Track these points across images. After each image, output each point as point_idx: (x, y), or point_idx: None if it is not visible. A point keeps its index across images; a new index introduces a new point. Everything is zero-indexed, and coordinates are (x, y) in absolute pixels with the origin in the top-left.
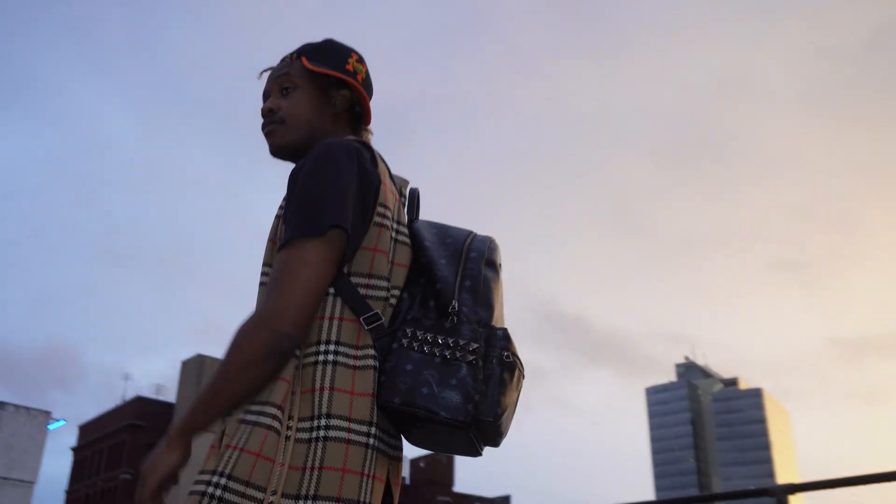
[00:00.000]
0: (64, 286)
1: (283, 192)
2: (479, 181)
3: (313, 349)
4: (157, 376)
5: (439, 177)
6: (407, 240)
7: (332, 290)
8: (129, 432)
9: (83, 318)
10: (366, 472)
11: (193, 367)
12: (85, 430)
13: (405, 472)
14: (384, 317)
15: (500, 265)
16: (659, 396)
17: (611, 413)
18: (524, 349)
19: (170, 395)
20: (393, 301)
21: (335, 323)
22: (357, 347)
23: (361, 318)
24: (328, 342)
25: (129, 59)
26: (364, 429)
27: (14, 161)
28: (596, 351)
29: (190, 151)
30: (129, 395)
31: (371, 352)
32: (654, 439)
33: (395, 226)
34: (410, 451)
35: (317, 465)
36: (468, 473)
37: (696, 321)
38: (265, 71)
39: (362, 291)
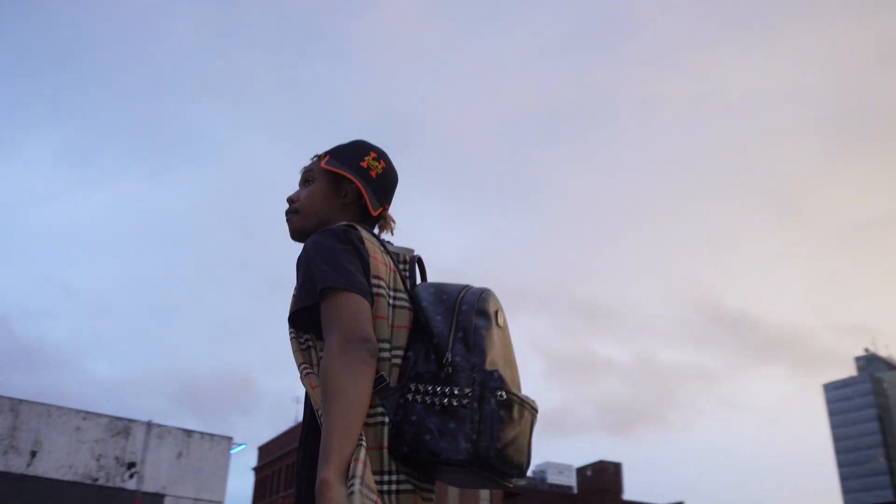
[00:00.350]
0: (236, 317)
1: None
2: (632, 183)
3: None
4: None
5: (591, 182)
6: (406, 304)
7: None
8: None
9: (255, 345)
10: None
11: None
12: (263, 451)
13: (572, 481)
14: (390, 377)
15: (494, 312)
16: (839, 392)
17: (786, 412)
18: (688, 352)
19: None
20: (397, 361)
21: None
22: (369, 406)
23: None
24: None
25: (276, 104)
26: (377, 477)
27: (184, 207)
28: (766, 348)
29: None
30: (300, 416)
31: (380, 409)
32: (837, 438)
33: (391, 293)
34: (575, 459)
35: None
36: (639, 481)
37: (876, 309)
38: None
39: None
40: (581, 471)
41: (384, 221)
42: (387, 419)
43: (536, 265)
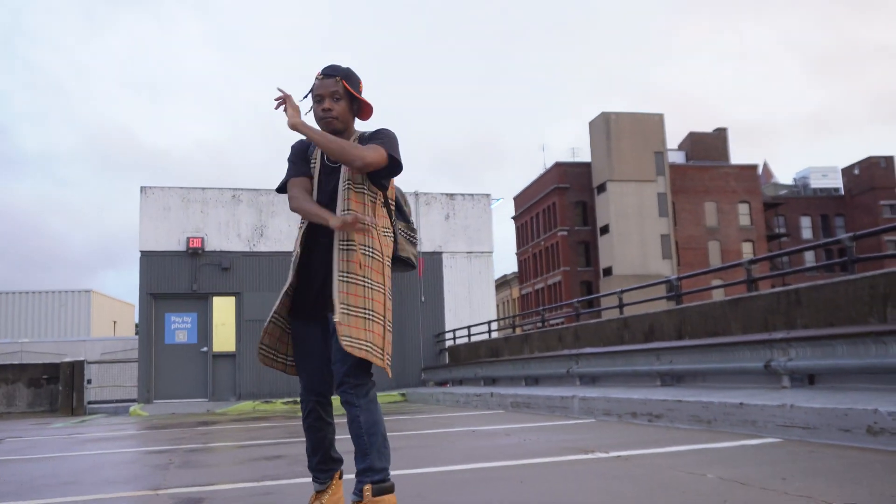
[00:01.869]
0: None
1: None
2: None
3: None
4: (572, 140)
5: None
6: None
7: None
8: (557, 194)
9: (498, 101)
10: None
11: (600, 126)
12: (518, 200)
13: (838, 183)
14: (391, 218)
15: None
16: None
17: None
18: None
19: (584, 155)
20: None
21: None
22: (386, 227)
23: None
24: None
25: None
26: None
27: None
28: None
29: None
30: (549, 162)
31: (391, 230)
32: None
33: None
34: (842, 160)
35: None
36: None
37: None
38: (321, 78)
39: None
40: (847, 171)
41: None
42: (392, 237)
43: None
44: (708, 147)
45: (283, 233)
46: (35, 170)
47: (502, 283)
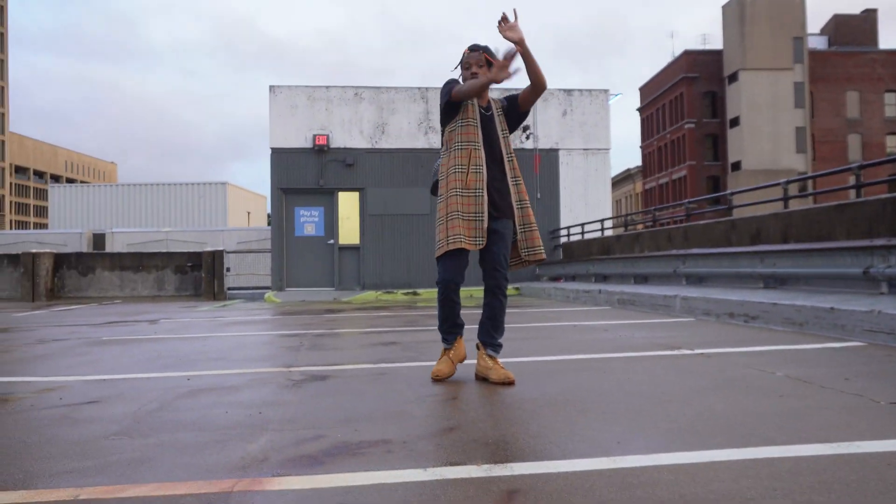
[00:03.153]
0: None
1: None
2: None
3: None
4: (703, 26)
5: None
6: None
7: None
8: (685, 84)
9: None
10: None
11: (734, 10)
12: (644, 90)
13: None
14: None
15: None
16: None
17: None
18: None
19: (716, 42)
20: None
21: None
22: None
23: None
24: None
25: None
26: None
27: None
28: None
29: None
30: (678, 50)
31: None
32: None
33: None
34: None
35: None
36: None
37: None
38: (468, 52)
39: None
40: None
41: None
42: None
43: None
44: (854, 30)
45: (403, 130)
46: (164, 61)
47: (625, 178)
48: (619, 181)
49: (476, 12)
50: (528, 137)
